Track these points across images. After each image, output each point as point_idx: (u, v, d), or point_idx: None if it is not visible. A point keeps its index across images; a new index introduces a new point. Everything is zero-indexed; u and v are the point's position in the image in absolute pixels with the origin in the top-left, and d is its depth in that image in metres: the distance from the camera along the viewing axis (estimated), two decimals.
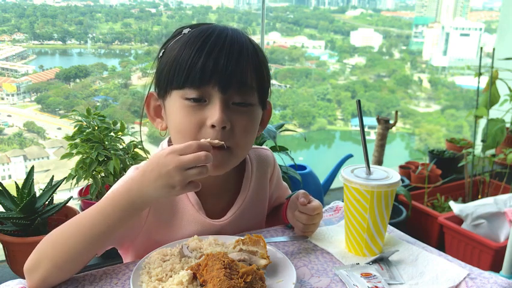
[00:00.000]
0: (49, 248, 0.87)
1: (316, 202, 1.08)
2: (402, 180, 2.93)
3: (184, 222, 1.05)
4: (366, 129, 1.03)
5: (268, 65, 1.03)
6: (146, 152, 1.81)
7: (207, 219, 1.06)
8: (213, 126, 0.92)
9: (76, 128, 1.83)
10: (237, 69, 0.92)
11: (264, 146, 1.27)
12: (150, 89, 1.03)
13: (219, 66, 0.90)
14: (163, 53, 1.00)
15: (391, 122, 2.73)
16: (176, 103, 0.95)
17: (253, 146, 1.19)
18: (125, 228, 0.92)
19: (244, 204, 1.12)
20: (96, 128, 1.84)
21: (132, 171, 1.04)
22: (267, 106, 1.07)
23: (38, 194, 1.72)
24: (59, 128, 5.16)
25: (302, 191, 1.11)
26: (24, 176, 1.74)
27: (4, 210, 1.70)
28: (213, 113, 0.92)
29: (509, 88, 2.67)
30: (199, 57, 0.90)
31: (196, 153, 0.82)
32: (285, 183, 1.31)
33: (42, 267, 0.86)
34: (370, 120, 4.45)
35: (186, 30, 0.98)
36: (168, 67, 0.95)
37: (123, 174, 1.08)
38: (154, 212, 1.03)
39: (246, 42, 0.96)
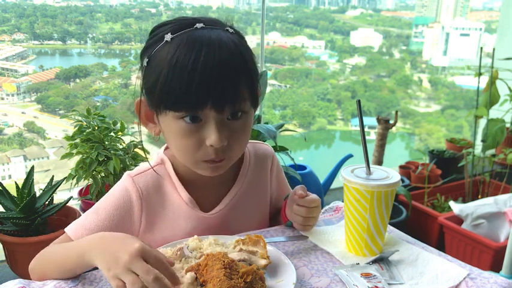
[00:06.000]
0: (38, 268, 0.96)
1: (314, 195, 1.10)
2: (402, 180, 2.93)
3: (176, 216, 1.06)
4: (366, 129, 1.03)
5: (253, 53, 0.99)
6: (146, 152, 1.81)
7: (199, 212, 1.07)
8: (211, 145, 0.94)
9: (76, 128, 1.83)
10: (231, 88, 0.92)
11: (262, 142, 1.28)
12: (140, 95, 1.00)
13: (213, 90, 0.90)
14: (147, 62, 0.96)
15: (391, 122, 2.73)
16: (172, 123, 0.95)
17: (253, 141, 1.21)
18: None
19: (238, 195, 1.12)
20: (96, 128, 1.84)
21: (125, 179, 1.06)
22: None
23: (38, 194, 1.73)
24: (63, 130, 5.16)
25: (300, 185, 1.12)
26: (24, 176, 1.74)
27: (4, 210, 1.70)
28: (211, 134, 0.93)
29: (509, 88, 2.67)
30: (192, 83, 0.88)
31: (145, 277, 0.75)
32: (289, 187, 1.31)
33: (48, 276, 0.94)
34: (370, 120, 4.44)
35: (167, 37, 0.93)
36: (160, 87, 0.91)
37: (123, 174, 1.08)
38: (146, 214, 1.05)
39: (234, 52, 0.93)
